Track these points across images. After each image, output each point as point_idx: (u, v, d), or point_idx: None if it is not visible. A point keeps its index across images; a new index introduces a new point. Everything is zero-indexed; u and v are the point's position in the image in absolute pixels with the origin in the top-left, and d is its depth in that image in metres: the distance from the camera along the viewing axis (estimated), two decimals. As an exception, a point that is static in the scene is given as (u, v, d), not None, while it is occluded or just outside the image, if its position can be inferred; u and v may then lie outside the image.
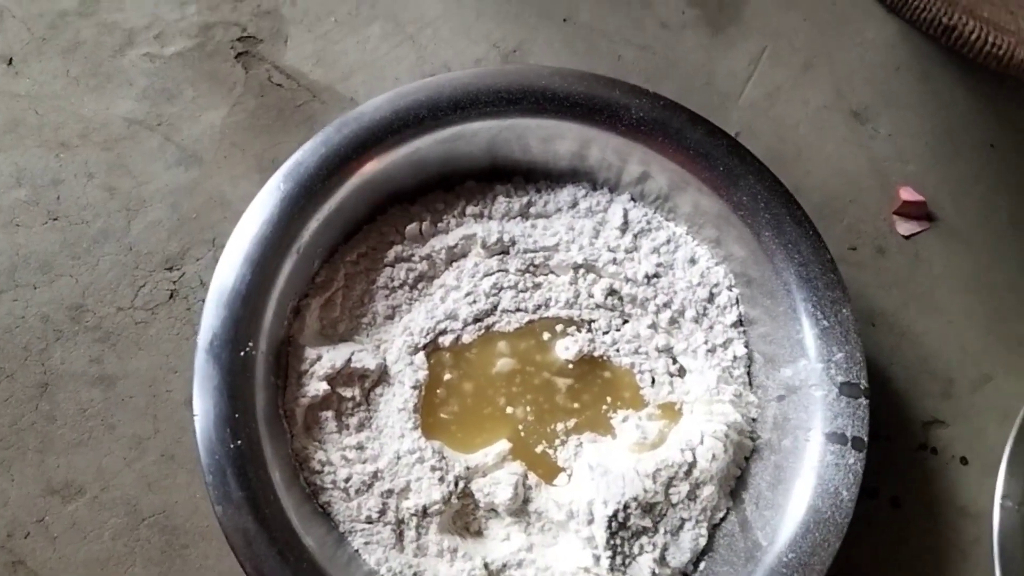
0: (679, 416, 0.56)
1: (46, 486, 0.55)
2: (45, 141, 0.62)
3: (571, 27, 0.69)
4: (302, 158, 0.53)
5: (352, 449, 0.52)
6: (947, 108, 0.69)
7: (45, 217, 0.60)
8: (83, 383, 0.57)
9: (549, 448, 0.54)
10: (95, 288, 0.59)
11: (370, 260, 0.57)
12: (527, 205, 0.59)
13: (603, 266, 0.57)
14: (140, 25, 0.65)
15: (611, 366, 0.56)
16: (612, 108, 0.56)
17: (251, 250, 0.51)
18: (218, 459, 0.47)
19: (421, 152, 0.56)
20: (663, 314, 0.57)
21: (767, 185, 0.55)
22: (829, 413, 0.52)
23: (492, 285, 0.56)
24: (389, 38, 0.67)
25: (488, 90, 0.56)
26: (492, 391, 0.55)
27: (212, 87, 0.64)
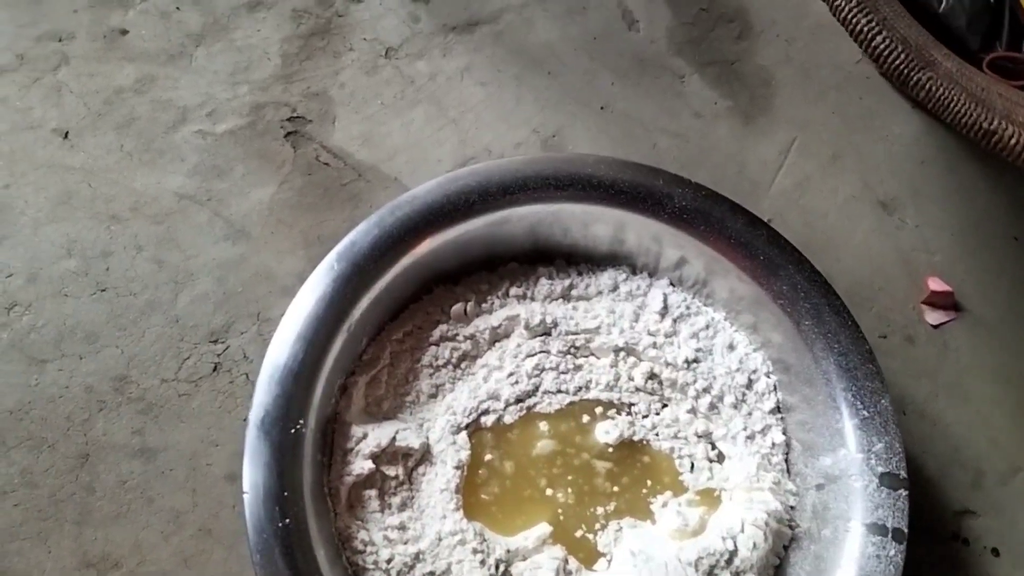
0: (718, 503, 0.56)
1: (82, 559, 0.55)
2: (97, 213, 0.63)
3: (608, 115, 0.72)
4: (356, 239, 0.54)
5: (394, 529, 0.52)
6: (971, 201, 0.71)
7: (94, 288, 0.61)
8: (124, 455, 0.57)
9: (589, 533, 0.54)
10: (140, 359, 0.59)
11: (415, 339, 0.58)
12: (569, 288, 0.60)
13: (643, 350, 0.58)
14: (193, 103, 0.67)
15: (650, 450, 0.57)
16: (656, 196, 0.58)
17: (304, 328, 0.52)
18: (266, 538, 0.47)
19: (468, 234, 0.57)
20: (702, 399, 0.57)
21: (806, 275, 0.57)
22: (870, 504, 0.52)
23: (534, 366, 0.57)
24: (432, 121, 0.69)
25: (537, 176, 0.58)
26: (533, 472, 0.56)
27: (261, 164, 0.66)
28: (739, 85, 0.74)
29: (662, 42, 0.75)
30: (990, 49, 0.63)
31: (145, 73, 0.68)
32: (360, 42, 0.71)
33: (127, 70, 0.68)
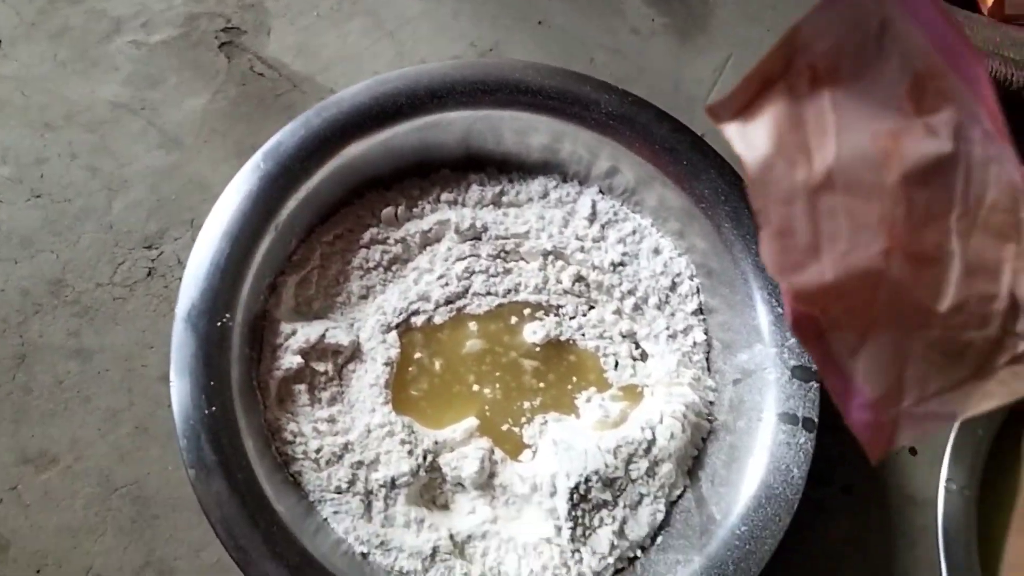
0: (640, 398, 0.58)
1: (20, 455, 0.56)
2: (30, 122, 0.63)
3: (545, 30, 0.72)
4: (282, 139, 0.55)
5: (324, 422, 0.54)
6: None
7: (28, 195, 0.61)
8: (60, 356, 0.58)
9: (515, 426, 0.56)
10: (75, 264, 0.60)
11: (346, 241, 0.59)
12: (500, 194, 0.61)
13: (571, 254, 0.60)
14: (128, 13, 0.67)
15: (577, 349, 0.59)
16: (583, 103, 0.59)
17: (230, 225, 0.53)
18: (193, 424, 0.49)
19: (398, 139, 0.58)
20: (627, 301, 0.59)
21: (728, 180, 0.58)
22: (781, 395, 0.54)
23: (464, 269, 0.58)
24: (369, 33, 0.69)
25: (464, 81, 0.58)
26: (462, 370, 0.57)
27: (195, 75, 0.66)
28: (677, 3, 0.75)
29: (602, -42, 0.75)
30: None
31: (79, -17, 0.68)
32: (297, -46, 0.71)
33: (60, -20, 0.68)
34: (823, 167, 0.28)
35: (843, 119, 0.29)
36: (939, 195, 0.28)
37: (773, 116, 0.29)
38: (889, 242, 0.28)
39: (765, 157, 0.29)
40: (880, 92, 0.28)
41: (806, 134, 0.29)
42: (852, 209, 0.29)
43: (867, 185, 0.28)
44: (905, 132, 0.28)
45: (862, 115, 0.28)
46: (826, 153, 0.28)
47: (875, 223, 0.29)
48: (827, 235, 0.29)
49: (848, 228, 0.29)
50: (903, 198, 0.28)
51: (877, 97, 0.28)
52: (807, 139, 0.29)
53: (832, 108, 0.29)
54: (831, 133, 0.29)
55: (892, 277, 0.29)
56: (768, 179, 0.30)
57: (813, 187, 0.29)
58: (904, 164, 0.28)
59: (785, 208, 0.30)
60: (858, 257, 0.29)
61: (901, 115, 0.28)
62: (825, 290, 0.29)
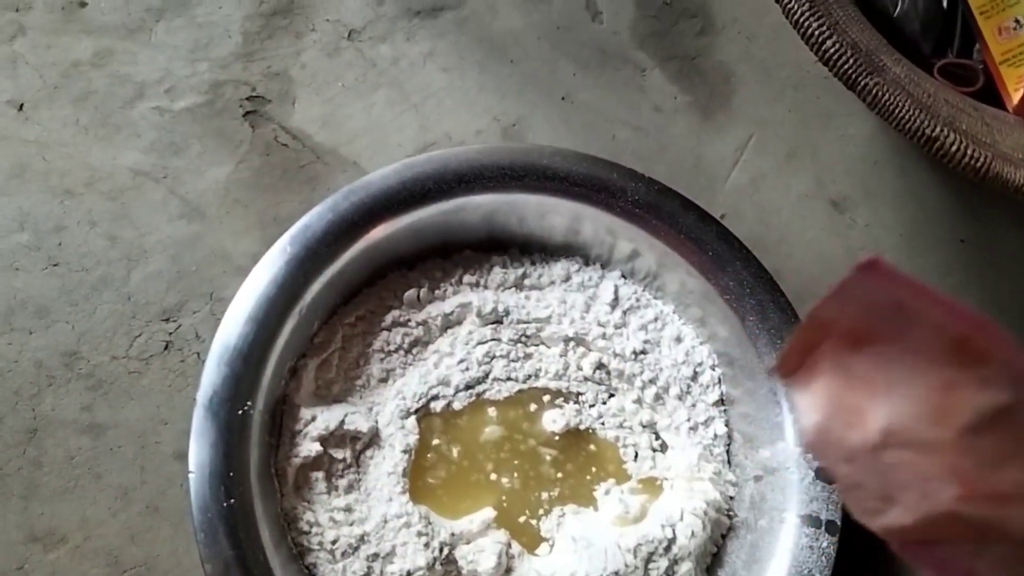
0: (660, 491, 0.57)
1: (29, 533, 0.55)
2: (51, 187, 0.63)
3: (568, 105, 0.72)
4: (309, 222, 0.55)
5: (340, 511, 0.53)
6: (921, 202, 0.73)
7: (45, 263, 0.61)
8: (72, 430, 0.57)
9: (532, 518, 0.56)
10: (91, 336, 0.59)
11: (368, 323, 0.58)
12: (522, 277, 0.61)
13: (593, 340, 0.59)
14: (152, 79, 0.67)
15: (596, 439, 0.58)
16: (610, 190, 0.59)
17: (255, 310, 0.52)
18: (211, 517, 0.48)
19: (423, 221, 0.58)
20: (648, 390, 0.59)
21: (753, 272, 0.58)
22: (804, 496, 0.54)
23: (485, 353, 0.58)
24: (394, 106, 0.69)
25: (492, 166, 0.58)
26: (480, 458, 0.57)
27: (219, 143, 0.65)
28: (699, 80, 0.75)
29: (625, 34, 0.75)
30: (942, 55, 0.64)
31: (103, 47, 0.67)
32: (323, 23, 0.70)
33: (85, 43, 0.67)
34: (878, 426, 0.29)
35: (891, 377, 0.29)
36: (1005, 439, 0.27)
37: (822, 380, 0.30)
38: (961, 489, 0.28)
39: (819, 423, 0.30)
40: (922, 350, 0.28)
41: (857, 395, 0.29)
42: (915, 463, 0.29)
43: (926, 440, 0.29)
44: (957, 385, 0.28)
45: (909, 372, 0.29)
46: (879, 413, 0.29)
47: (942, 473, 0.29)
48: (896, 486, 0.29)
49: (916, 479, 0.29)
50: (967, 448, 0.28)
51: (920, 355, 0.28)
52: (858, 400, 0.29)
53: (877, 367, 0.29)
54: (881, 392, 0.29)
55: (975, 517, 0.28)
56: (826, 442, 0.30)
57: (871, 446, 0.29)
58: (961, 417, 0.28)
59: (849, 466, 0.30)
60: (932, 504, 0.29)
61: (949, 369, 0.28)
62: (911, 530, 0.29)
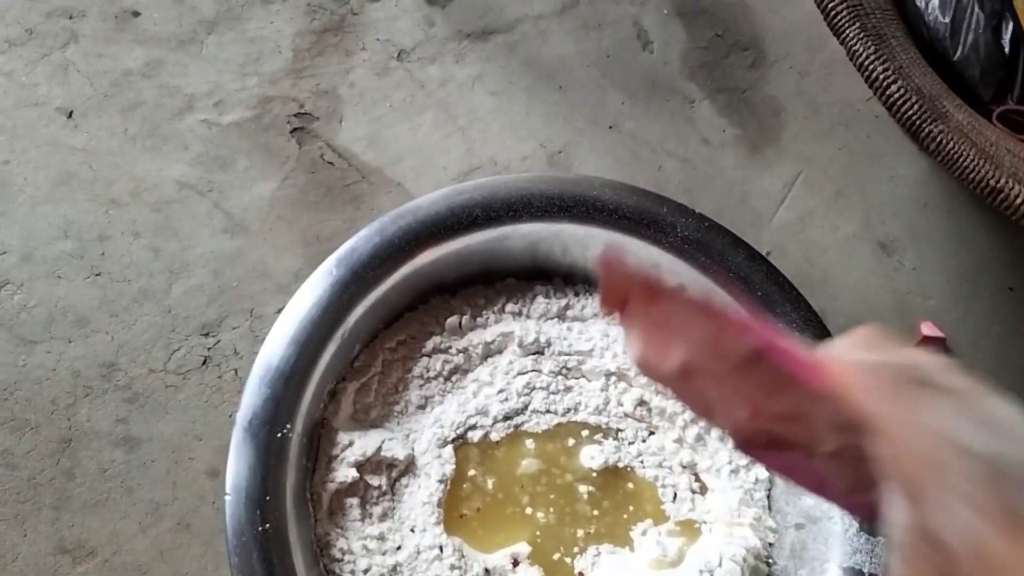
0: (698, 534, 0.56)
1: (58, 545, 0.54)
2: (96, 196, 0.63)
3: (616, 134, 0.71)
4: (356, 245, 0.54)
5: (374, 539, 0.52)
6: (970, 248, 0.71)
7: (88, 272, 0.61)
8: (106, 443, 0.57)
9: (567, 556, 0.54)
10: (129, 347, 0.59)
11: (408, 348, 0.57)
12: (565, 307, 0.60)
13: (635, 376, 0.58)
14: (201, 92, 0.67)
15: (634, 477, 0.57)
16: (659, 224, 0.58)
17: (298, 332, 0.52)
18: (245, 541, 0.47)
19: (469, 248, 0.57)
20: (690, 430, 0.57)
21: (802, 314, 0.57)
22: (848, 548, 0.52)
23: (525, 384, 0.57)
24: (440, 128, 0.69)
25: (541, 195, 0.57)
26: (516, 490, 0.56)
27: (265, 159, 0.65)
28: (749, 114, 0.74)
29: (675, 65, 0.75)
30: (1002, 101, 0.63)
31: (154, 57, 0.67)
32: (373, 42, 0.70)
33: (136, 53, 0.67)
34: (678, 360, 0.35)
35: (679, 323, 0.35)
36: (767, 377, 0.33)
37: (636, 320, 0.37)
38: (750, 410, 0.34)
39: (639, 353, 0.36)
40: (688, 308, 0.35)
41: (661, 334, 0.36)
42: (714, 388, 0.35)
43: (714, 371, 0.35)
44: (722, 331, 0.34)
45: (690, 319, 0.35)
46: (677, 350, 0.35)
47: (734, 397, 0.35)
48: (709, 403, 0.36)
49: (719, 400, 0.35)
50: (744, 379, 0.34)
51: (693, 308, 0.35)
52: (662, 338, 0.36)
53: (668, 316, 0.36)
54: (675, 335, 0.36)
55: (770, 431, 0.34)
56: (647, 368, 0.37)
57: (678, 374, 0.35)
58: (732, 358, 0.34)
59: (670, 385, 0.37)
60: (735, 420, 0.35)
61: (715, 318, 0.34)
62: (732, 435, 0.36)
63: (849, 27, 0.52)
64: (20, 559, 0.54)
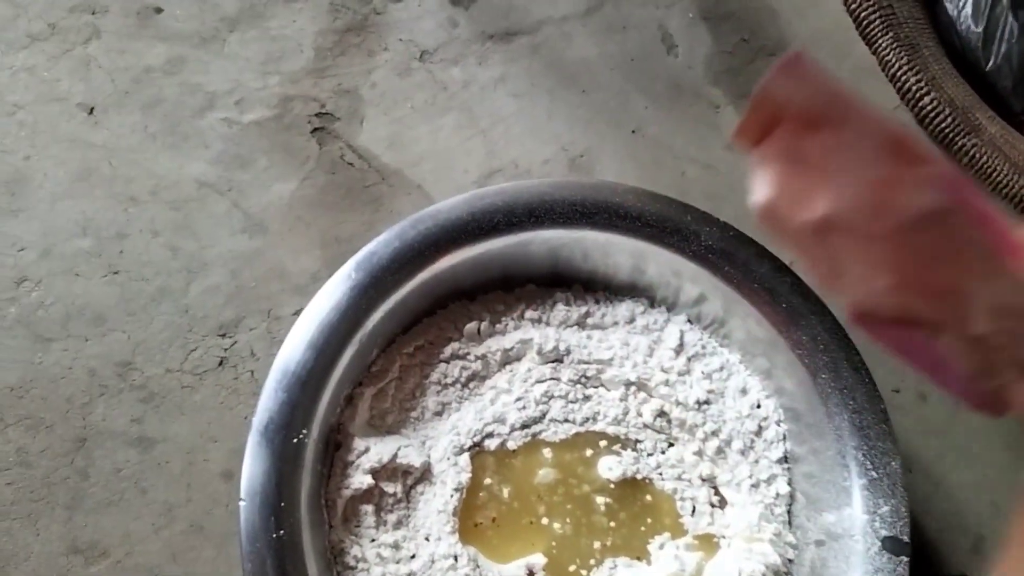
0: (716, 549, 0.55)
1: (71, 544, 0.54)
2: (115, 193, 0.62)
3: (638, 139, 0.71)
4: (376, 249, 0.54)
5: (388, 547, 0.51)
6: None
7: (106, 270, 0.60)
8: (121, 442, 0.57)
9: (583, 568, 0.54)
10: (146, 347, 0.59)
11: (426, 354, 0.57)
12: (585, 315, 0.60)
13: (655, 386, 0.57)
14: (222, 90, 0.66)
15: (652, 489, 0.56)
16: (683, 233, 0.57)
17: (316, 336, 0.51)
18: (259, 548, 0.47)
19: (489, 254, 0.56)
20: (710, 442, 0.57)
21: (827, 327, 0.56)
22: (870, 567, 0.51)
23: (543, 393, 0.56)
24: (462, 130, 0.68)
25: (564, 201, 0.57)
26: (532, 500, 0.55)
27: (285, 158, 0.65)
28: (774, 121, 0.73)
29: (700, 69, 0.74)
30: (1034, 112, 0.62)
31: (176, 54, 0.67)
32: (395, 42, 0.70)
33: (158, 49, 0.67)
34: (821, 211, 0.30)
35: (836, 165, 0.30)
36: (939, 241, 0.29)
37: (776, 159, 0.31)
38: (895, 279, 0.30)
39: (769, 199, 0.32)
40: (864, 144, 0.29)
41: (805, 179, 0.31)
42: (855, 249, 0.31)
43: (866, 230, 0.31)
44: (896, 183, 0.29)
45: (853, 163, 0.30)
46: (824, 198, 0.30)
47: (879, 263, 0.31)
48: (841, 266, 0.32)
49: (857, 264, 0.31)
50: (903, 243, 0.30)
51: (862, 148, 0.29)
52: (806, 184, 0.31)
53: (825, 155, 0.30)
54: (826, 179, 0.31)
55: (909, 306, 0.31)
56: (774, 219, 0.32)
57: (814, 228, 0.31)
58: (900, 214, 0.29)
59: (796, 243, 0.33)
60: (870, 288, 0.31)
61: (889, 167, 0.29)
62: (858, 305, 0.32)
63: (882, 37, 0.51)
64: (33, 558, 0.54)
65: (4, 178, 0.62)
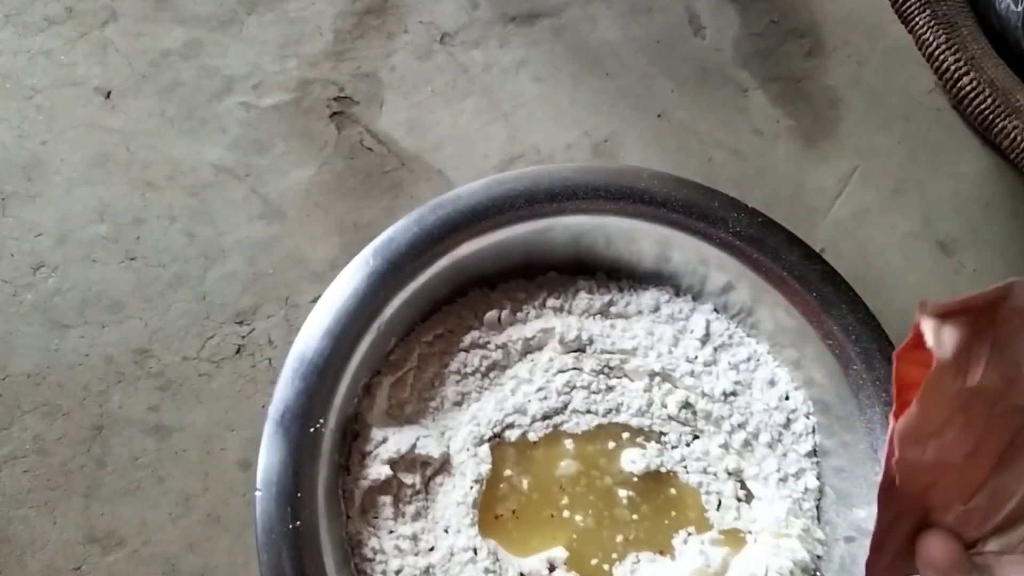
0: (742, 544, 0.54)
1: (88, 533, 0.54)
2: (132, 179, 0.62)
3: (664, 123, 0.69)
4: (395, 235, 0.52)
5: (407, 539, 0.51)
6: (1035, 251, 0.68)
7: (123, 256, 0.60)
8: (138, 430, 0.56)
9: (605, 562, 0.52)
10: (163, 334, 0.58)
11: (446, 343, 0.56)
12: (608, 304, 0.58)
13: (680, 377, 0.56)
14: (240, 73, 0.65)
15: (677, 482, 0.55)
16: (710, 219, 0.55)
17: (333, 323, 0.50)
18: (275, 539, 0.46)
19: (510, 240, 0.55)
20: (737, 435, 0.55)
21: (860, 317, 0.54)
22: (902, 564, 0.50)
23: (565, 383, 0.55)
24: (483, 114, 0.67)
25: (587, 186, 0.55)
26: (554, 492, 0.54)
27: (303, 144, 0.64)
28: (804, 105, 0.71)
29: (728, 52, 0.72)
30: (1076, 94, 0.59)
31: (193, 37, 0.66)
32: (415, 25, 0.68)
33: (176, 32, 0.66)
34: (972, 383, 0.32)
35: (1001, 356, 0.32)
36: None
37: (964, 329, 0.32)
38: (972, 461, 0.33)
39: (947, 359, 0.32)
40: None
41: (976, 354, 0.32)
42: (969, 427, 0.33)
43: (986, 414, 0.33)
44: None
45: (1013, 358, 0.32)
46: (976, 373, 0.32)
47: (974, 443, 0.33)
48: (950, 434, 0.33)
49: (963, 439, 0.33)
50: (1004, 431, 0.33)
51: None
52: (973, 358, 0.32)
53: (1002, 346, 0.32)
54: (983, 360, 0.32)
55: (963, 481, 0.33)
56: (942, 380, 0.33)
57: (963, 397, 0.33)
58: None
59: (939, 406, 0.33)
60: (952, 455, 0.33)
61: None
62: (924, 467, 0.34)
63: (919, 15, 0.49)
64: (50, 546, 0.53)
65: (21, 163, 0.61)
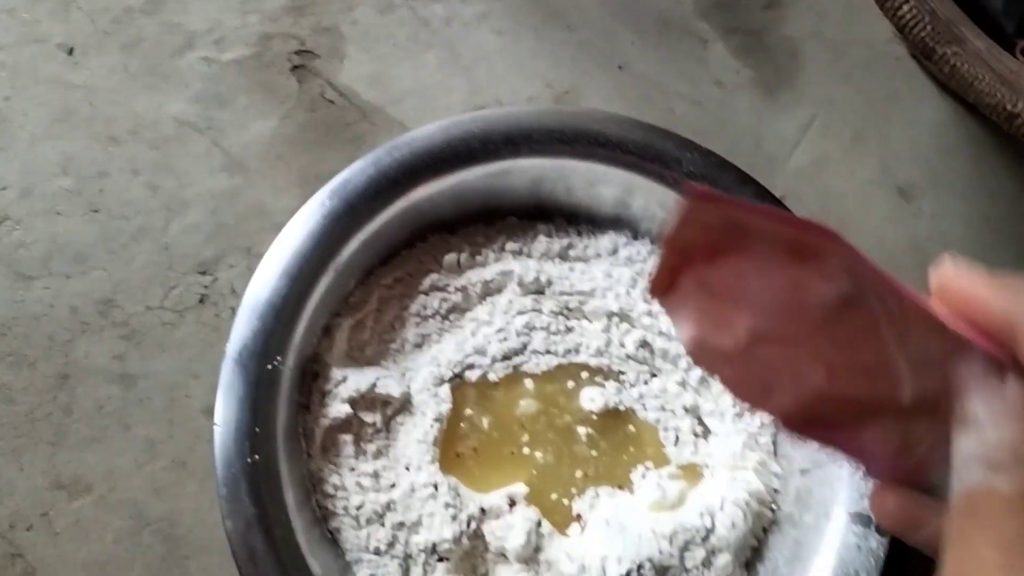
0: (700, 478, 0.54)
1: (55, 480, 0.54)
2: (95, 133, 0.62)
3: (625, 75, 0.69)
4: (350, 176, 0.53)
5: (368, 476, 0.51)
6: (994, 195, 0.69)
7: (86, 209, 0.60)
8: (103, 379, 0.57)
9: (564, 497, 0.53)
10: (127, 284, 0.59)
11: (405, 286, 0.56)
12: (567, 247, 0.59)
13: (638, 317, 0.57)
14: (202, 28, 0.66)
15: (635, 420, 0.56)
16: (664, 160, 0.56)
17: (289, 263, 0.51)
18: (234, 472, 0.47)
19: (468, 183, 0.56)
20: (693, 372, 0.56)
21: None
22: (855, 493, 0.51)
23: (525, 324, 0.56)
24: (444, 67, 0.67)
25: (542, 128, 0.56)
26: (514, 430, 0.55)
27: (265, 97, 0.64)
28: (764, 56, 0.71)
29: (688, 4, 0.72)
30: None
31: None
32: (377, -21, 0.69)
33: (137, -11, 0.67)
34: (744, 330, 0.32)
35: (746, 284, 0.31)
36: (855, 323, 0.30)
37: (690, 297, 0.33)
38: (826, 370, 0.31)
39: (694, 335, 0.33)
40: (767, 257, 0.30)
41: (721, 305, 0.32)
42: (784, 355, 0.32)
43: (788, 334, 0.32)
44: (802, 282, 0.29)
45: (760, 278, 0.31)
46: (743, 318, 0.32)
47: (808, 360, 0.32)
48: (773, 377, 0.33)
49: (787, 367, 0.32)
50: (824, 336, 0.31)
51: (766, 262, 0.30)
52: (723, 309, 0.32)
53: (734, 279, 0.31)
54: (741, 299, 0.32)
55: (845, 394, 0.32)
56: (703, 350, 0.34)
57: (742, 347, 0.32)
58: (814, 311, 0.30)
59: (729, 367, 0.34)
60: (804, 387, 0.32)
61: (792, 270, 0.29)
62: (793, 411, 0.34)
63: (865, -50, 0.50)
64: (17, 493, 0.54)
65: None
